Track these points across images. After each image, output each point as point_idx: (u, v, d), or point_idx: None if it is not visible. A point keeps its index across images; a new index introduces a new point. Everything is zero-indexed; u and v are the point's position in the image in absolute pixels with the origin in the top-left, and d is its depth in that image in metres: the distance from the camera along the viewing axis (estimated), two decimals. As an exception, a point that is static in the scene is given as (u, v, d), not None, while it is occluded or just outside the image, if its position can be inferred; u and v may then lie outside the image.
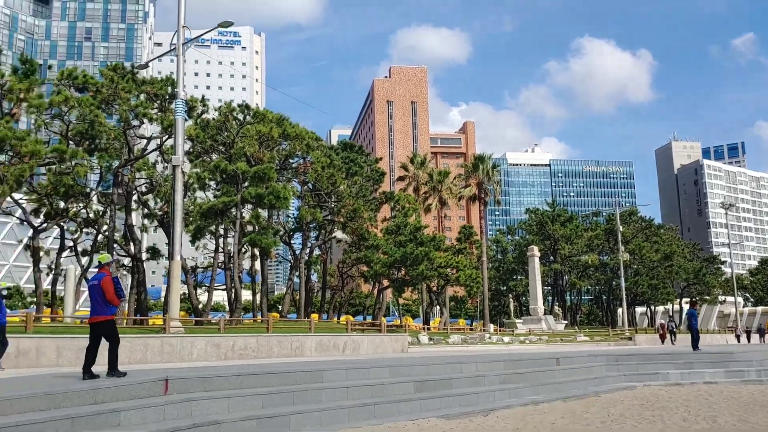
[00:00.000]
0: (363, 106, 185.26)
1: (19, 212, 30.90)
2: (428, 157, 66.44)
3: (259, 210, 30.71)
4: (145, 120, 29.70)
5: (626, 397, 16.39)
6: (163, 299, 39.27)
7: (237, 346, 22.47)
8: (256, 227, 31.37)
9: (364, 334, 29.39)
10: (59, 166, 24.79)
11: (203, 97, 32.58)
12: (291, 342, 24.59)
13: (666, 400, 15.69)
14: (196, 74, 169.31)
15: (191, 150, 37.15)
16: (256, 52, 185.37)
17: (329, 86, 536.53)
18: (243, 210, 30.34)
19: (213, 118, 33.63)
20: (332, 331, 28.80)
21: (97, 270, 11.42)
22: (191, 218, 30.69)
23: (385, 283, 46.68)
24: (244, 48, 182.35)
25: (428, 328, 46.78)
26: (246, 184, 28.05)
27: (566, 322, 71.87)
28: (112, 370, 10.91)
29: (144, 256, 39.07)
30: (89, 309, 11.35)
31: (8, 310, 19.65)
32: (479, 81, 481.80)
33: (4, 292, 17.84)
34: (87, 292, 12.23)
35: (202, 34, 23.10)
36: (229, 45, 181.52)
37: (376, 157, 54.52)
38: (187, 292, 35.12)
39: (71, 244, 39.57)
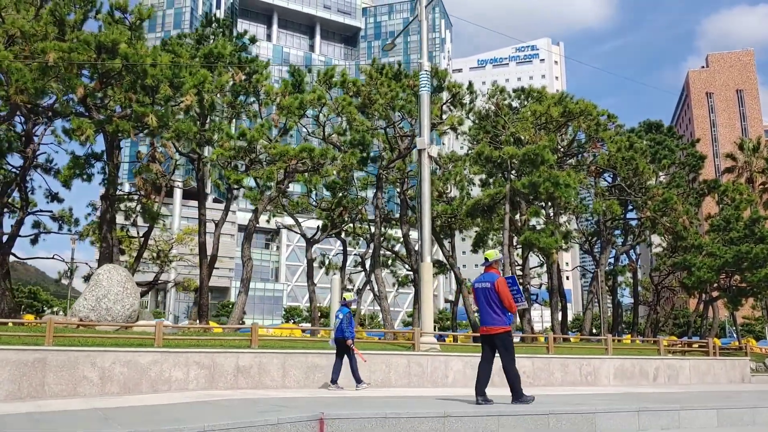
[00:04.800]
0: (677, 104, 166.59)
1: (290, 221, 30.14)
2: (762, 142, 54.15)
3: (537, 205, 25.44)
4: (405, 114, 26.83)
5: None
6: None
7: (505, 369, 17.72)
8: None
9: (685, 358, 22.27)
10: (310, 166, 22.66)
11: (470, 83, 28.80)
12: (580, 366, 19.03)
13: None
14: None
15: (469, 150, 33.66)
16: (555, 62, 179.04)
17: (635, 95, 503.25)
18: (520, 206, 25.44)
19: (484, 107, 29.54)
20: (640, 353, 22.31)
21: (484, 269, 9.27)
22: (461, 219, 26.83)
23: (714, 294, 37.49)
24: (542, 60, 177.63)
25: (780, 352, 36.55)
26: (516, 172, 23.30)
27: None
28: (518, 396, 8.87)
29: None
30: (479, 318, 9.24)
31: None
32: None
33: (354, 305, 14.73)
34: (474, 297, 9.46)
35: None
36: (527, 60, 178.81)
37: (692, 140, 45.08)
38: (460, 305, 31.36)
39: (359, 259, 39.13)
